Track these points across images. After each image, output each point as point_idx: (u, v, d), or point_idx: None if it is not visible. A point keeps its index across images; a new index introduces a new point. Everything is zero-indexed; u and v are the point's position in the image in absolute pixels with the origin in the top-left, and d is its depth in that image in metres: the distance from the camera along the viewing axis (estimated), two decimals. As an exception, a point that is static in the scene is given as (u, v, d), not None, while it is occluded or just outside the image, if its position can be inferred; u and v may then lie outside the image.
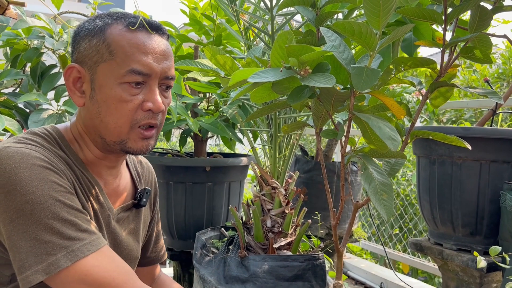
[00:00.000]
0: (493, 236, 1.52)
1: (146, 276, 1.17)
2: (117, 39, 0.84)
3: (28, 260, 0.74)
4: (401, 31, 0.84)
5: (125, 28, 0.85)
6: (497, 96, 0.97)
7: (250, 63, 1.10)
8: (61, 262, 0.74)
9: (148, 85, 0.87)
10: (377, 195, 0.85)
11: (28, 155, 0.78)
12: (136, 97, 0.85)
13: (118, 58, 0.84)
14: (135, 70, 0.84)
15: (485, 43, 1.00)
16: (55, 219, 0.75)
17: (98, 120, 0.86)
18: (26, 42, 1.71)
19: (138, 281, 0.82)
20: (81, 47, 0.87)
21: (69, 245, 0.75)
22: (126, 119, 0.86)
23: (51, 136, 0.87)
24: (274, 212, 1.55)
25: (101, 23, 0.86)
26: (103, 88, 0.85)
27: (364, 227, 3.31)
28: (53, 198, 0.76)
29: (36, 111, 1.56)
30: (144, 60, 0.85)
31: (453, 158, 1.54)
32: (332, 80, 0.79)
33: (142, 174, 1.08)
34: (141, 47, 0.85)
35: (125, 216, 0.99)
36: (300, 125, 1.17)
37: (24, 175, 0.75)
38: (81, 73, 0.87)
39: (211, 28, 2.07)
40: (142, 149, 0.89)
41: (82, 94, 0.88)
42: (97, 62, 0.85)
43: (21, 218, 0.74)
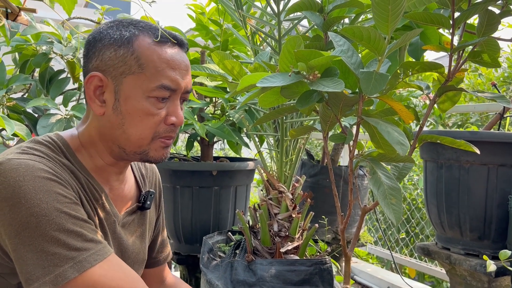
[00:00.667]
0: (502, 240, 1.51)
1: (155, 278, 1.17)
2: (147, 53, 0.85)
3: (36, 272, 0.74)
4: (409, 36, 0.84)
5: (153, 42, 0.86)
6: (506, 100, 0.97)
7: (257, 68, 1.11)
8: (68, 273, 0.74)
9: (172, 99, 0.88)
10: (386, 199, 0.85)
11: (32, 167, 0.77)
12: (161, 111, 0.86)
13: (148, 72, 0.84)
14: (165, 85, 0.85)
15: (493, 47, 1.00)
16: (61, 230, 0.75)
17: (120, 131, 0.87)
18: (35, 47, 1.73)
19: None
20: (104, 55, 0.86)
21: (76, 256, 0.75)
22: (149, 132, 0.87)
23: (55, 144, 0.87)
24: (281, 216, 1.55)
25: (128, 34, 0.86)
26: (129, 100, 0.85)
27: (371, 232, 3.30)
28: (58, 210, 0.76)
29: (44, 116, 1.58)
30: (173, 75, 0.86)
31: (460, 162, 1.53)
32: (341, 84, 0.80)
33: (146, 175, 1.09)
34: (170, 63, 0.86)
35: (131, 219, 0.99)
36: (307, 130, 1.17)
37: (28, 188, 0.75)
38: (103, 82, 0.86)
39: (218, 33, 2.08)
40: (162, 157, 0.90)
41: (102, 103, 0.87)
42: (124, 73, 0.85)
43: (27, 231, 0.74)
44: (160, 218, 1.15)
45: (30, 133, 1.53)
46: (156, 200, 1.11)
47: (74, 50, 1.65)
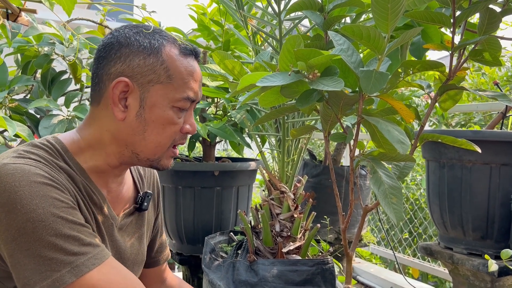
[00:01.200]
0: (504, 240, 1.50)
1: (155, 277, 1.17)
2: (176, 64, 0.88)
3: (33, 277, 0.73)
4: (409, 34, 0.84)
5: (180, 53, 0.89)
6: (507, 99, 0.97)
7: (258, 67, 1.11)
8: (66, 278, 0.74)
9: (189, 108, 0.92)
10: (387, 198, 0.85)
11: (27, 172, 0.77)
12: (180, 120, 0.90)
13: (176, 83, 0.87)
14: (190, 97, 0.89)
15: (494, 45, 1.00)
16: (58, 235, 0.75)
17: (140, 137, 0.88)
18: (37, 48, 1.74)
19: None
20: (133, 62, 0.86)
21: (73, 261, 0.75)
22: (168, 140, 0.90)
23: (52, 147, 0.86)
24: (282, 216, 1.55)
25: (157, 43, 0.87)
26: (155, 109, 0.87)
27: (373, 232, 3.29)
28: (55, 215, 0.76)
29: (46, 117, 1.58)
30: (195, 88, 0.90)
31: (462, 161, 1.53)
32: (340, 83, 0.80)
33: (144, 175, 1.09)
34: (194, 75, 0.90)
35: (129, 221, 0.99)
36: (308, 129, 1.17)
37: (24, 193, 0.75)
38: (129, 87, 0.86)
39: (219, 34, 2.09)
40: (169, 166, 0.94)
41: (124, 108, 0.87)
42: (152, 82, 0.86)
43: (23, 236, 0.74)
44: (159, 219, 1.15)
45: (32, 134, 1.53)
46: (154, 201, 1.11)
47: (75, 51, 1.65)
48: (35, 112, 1.75)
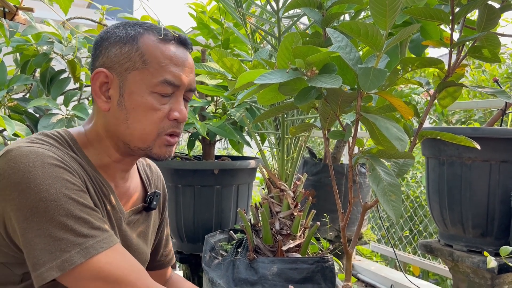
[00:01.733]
0: (504, 237, 1.50)
1: (159, 279, 1.17)
2: (151, 49, 0.87)
3: (43, 257, 0.75)
4: (408, 31, 0.83)
5: (158, 39, 0.88)
6: (506, 95, 0.96)
7: (257, 65, 1.10)
8: (75, 259, 0.75)
9: (175, 95, 0.90)
10: (386, 196, 0.84)
11: (41, 154, 0.79)
12: (164, 106, 0.88)
13: (152, 68, 0.86)
14: (168, 81, 0.87)
15: (493, 42, 0.99)
16: (69, 216, 0.77)
17: (125, 126, 0.88)
18: (36, 48, 1.73)
19: (149, 279, 0.83)
20: (110, 52, 0.88)
21: (83, 242, 0.77)
22: (153, 127, 0.88)
23: (63, 138, 0.88)
24: (282, 214, 1.55)
25: (133, 32, 0.89)
26: (133, 95, 0.87)
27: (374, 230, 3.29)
28: (66, 196, 0.78)
29: (45, 116, 1.58)
30: (176, 71, 0.88)
31: (462, 158, 1.53)
32: (339, 80, 0.79)
33: (151, 178, 1.10)
34: (174, 59, 0.88)
35: (136, 219, 1.00)
36: (307, 127, 1.17)
37: (37, 173, 0.77)
38: (108, 78, 0.88)
39: (219, 32, 2.08)
40: (165, 155, 0.92)
41: (107, 99, 0.89)
42: (129, 69, 0.87)
43: (35, 216, 0.75)
44: (164, 223, 1.16)
45: (31, 133, 1.53)
46: (160, 204, 1.11)
47: (74, 50, 1.65)
48: (34, 111, 1.75)
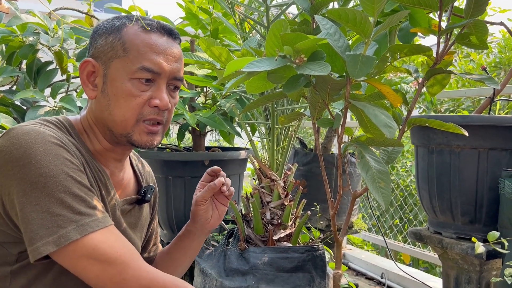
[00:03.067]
0: (493, 223, 1.52)
1: None
2: (132, 38, 0.90)
3: (40, 232, 0.76)
4: (396, 17, 0.83)
5: (140, 29, 0.91)
6: (494, 82, 0.97)
7: (245, 54, 1.10)
8: (71, 235, 0.77)
9: (157, 83, 0.91)
10: (375, 183, 0.85)
11: (42, 132, 0.82)
12: (144, 93, 0.90)
13: (131, 55, 0.89)
14: (146, 67, 0.89)
15: (481, 29, 0.99)
16: (67, 193, 0.79)
17: (107, 113, 0.91)
18: (21, 39, 1.71)
19: (142, 260, 0.84)
20: (97, 43, 0.92)
21: (79, 220, 0.78)
22: (132, 113, 0.90)
23: (62, 124, 0.91)
24: (273, 204, 1.55)
25: (119, 23, 0.92)
26: (115, 82, 0.89)
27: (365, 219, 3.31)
28: (66, 173, 0.80)
29: (33, 108, 1.56)
30: (155, 59, 0.89)
31: (451, 146, 1.54)
32: (327, 68, 0.79)
33: (143, 174, 1.12)
34: (154, 47, 0.90)
35: (128, 209, 1.01)
36: (297, 116, 1.16)
37: (39, 150, 0.79)
38: (95, 68, 0.91)
39: (207, 22, 2.06)
40: (147, 143, 0.93)
41: (94, 88, 0.92)
42: (111, 58, 0.90)
43: (34, 191, 0.77)
44: (154, 222, 1.18)
45: (19, 125, 1.51)
46: (151, 200, 1.12)
47: (61, 41, 1.63)
48: (21, 103, 1.72)
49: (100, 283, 0.80)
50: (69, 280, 0.84)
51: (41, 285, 0.85)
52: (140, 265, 0.82)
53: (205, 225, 1.11)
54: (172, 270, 1.13)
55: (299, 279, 1.43)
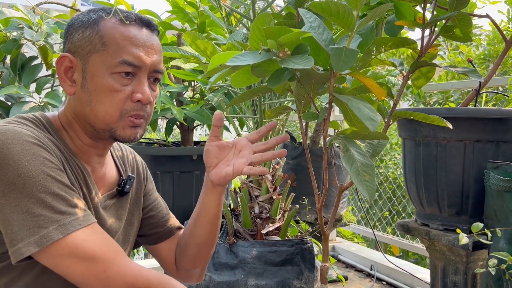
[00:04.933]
0: (479, 215, 1.53)
1: (173, 245, 1.13)
2: (110, 31, 0.88)
3: (20, 233, 0.75)
4: (380, 10, 0.83)
5: (118, 22, 0.89)
6: (477, 75, 0.97)
7: (231, 47, 1.09)
8: (53, 235, 0.76)
9: (138, 77, 0.90)
10: (359, 176, 0.85)
11: (19, 132, 0.80)
12: (126, 88, 0.88)
13: (111, 49, 0.87)
14: (127, 61, 0.87)
15: (465, 21, 1.00)
16: (47, 193, 0.77)
17: (89, 108, 0.89)
18: (5, 33, 1.68)
19: (127, 258, 0.83)
20: (74, 37, 0.90)
21: (60, 219, 0.77)
22: (115, 108, 0.88)
23: (39, 121, 0.89)
24: (261, 198, 1.56)
25: (95, 16, 0.90)
26: (95, 78, 0.87)
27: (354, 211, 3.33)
28: (45, 173, 0.78)
29: (17, 104, 1.54)
30: (135, 52, 0.88)
31: (437, 139, 1.54)
32: (310, 61, 0.79)
33: (126, 158, 1.09)
34: (133, 40, 0.88)
35: (111, 203, 1.00)
36: (283, 110, 1.16)
37: (16, 150, 0.77)
38: (73, 63, 0.89)
39: (194, 16, 2.05)
40: (130, 137, 0.91)
41: (73, 83, 0.90)
42: (90, 52, 0.88)
43: (13, 192, 0.76)
44: (151, 196, 1.13)
45: (3, 121, 1.49)
46: (140, 182, 1.10)
47: (45, 35, 1.60)
48: (5, 99, 1.70)
49: (84, 281, 0.79)
50: (52, 278, 0.83)
51: (23, 283, 0.84)
52: (125, 262, 0.81)
53: (208, 169, 1.00)
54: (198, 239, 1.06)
55: (288, 272, 1.43)
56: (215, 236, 1.07)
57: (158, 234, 1.12)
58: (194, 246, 1.06)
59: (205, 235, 1.05)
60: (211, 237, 1.06)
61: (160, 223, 1.12)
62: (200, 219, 1.05)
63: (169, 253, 1.12)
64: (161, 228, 1.12)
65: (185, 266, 1.10)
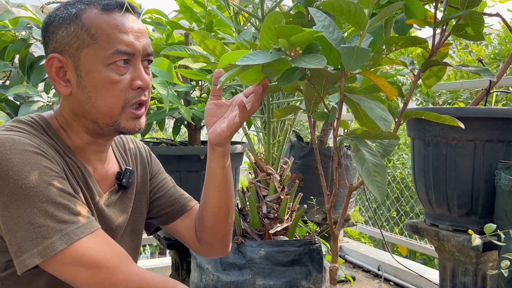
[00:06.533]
0: (489, 215, 1.52)
1: (191, 220, 1.11)
2: (96, 23, 0.85)
3: (24, 244, 0.75)
4: (391, 9, 0.82)
5: (101, 11, 0.86)
6: (489, 74, 0.96)
7: (240, 47, 1.09)
8: (57, 245, 0.75)
9: (133, 63, 0.88)
10: (370, 176, 0.84)
11: (18, 141, 0.79)
12: (124, 77, 0.87)
13: (101, 41, 0.84)
14: (121, 50, 0.85)
15: (477, 20, 0.99)
16: (49, 202, 0.76)
17: (89, 105, 0.87)
18: (14, 33, 1.69)
19: (133, 263, 0.83)
20: (58, 36, 0.86)
21: (64, 228, 0.76)
22: (117, 100, 0.87)
23: (37, 124, 0.88)
24: (269, 198, 1.55)
25: (74, 10, 0.86)
26: (91, 73, 0.85)
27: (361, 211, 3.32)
28: (46, 182, 0.77)
29: (26, 103, 1.55)
30: (127, 39, 0.86)
31: (447, 139, 1.53)
32: (323, 61, 0.78)
33: (128, 149, 1.08)
34: (121, 27, 0.86)
35: (116, 198, 0.99)
36: (292, 109, 1.15)
37: (16, 161, 0.76)
38: (62, 62, 0.86)
39: (202, 15, 2.05)
40: (135, 127, 0.91)
41: (67, 83, 0.88)
42: (79, 48, 0.85)
43: (15, 203, 0.75)
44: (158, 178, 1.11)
45: (12, 121, 1.50)
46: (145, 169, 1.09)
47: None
48: (14, 98, 1.71)
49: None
50: (61, 283, 0.83)
51: None
52: (129, 268, 0.81)
53: (207, 129, 1.01)
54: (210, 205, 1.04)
55: (296, 272, 1.43)
56: (228, 203, 1.05)
57: (168, 214, 1.10)
58: (209, 216, 1.04)
59: (217, 202, 1.03)
60: (224, 204, 1.04)
61: (169, 203, 1.10)
62: (208, 185, 1.03)
63: (188, 230, 1.10)
64: (170, 208, 1.10)
65: (206, 239, 1.08)
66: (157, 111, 1.75)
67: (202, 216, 1.05)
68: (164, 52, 1.27)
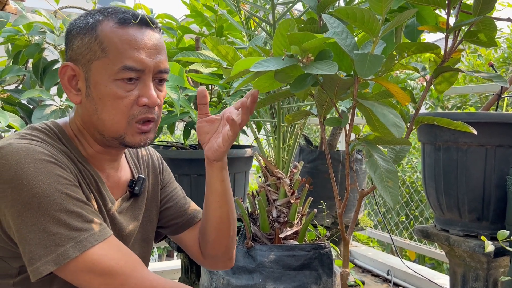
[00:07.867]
0: (500, 221, 1.51)
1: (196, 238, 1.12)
2: (109, 36, 0.85)
3: (38, 252, 0.76)
4: (404, 16, 0.83)
5: (116, 24, 0.86)
6: (502, 80, 0.96)
7: (252, 52, 1.09)
8: (70, 253, 0.76)
9: (143, 80, 0.87)
10: (383, 182, 0.84)
11: (32, 150, 0.80)
12: (131, 93, 0.86)
13: (111, 55, 0.84)
14: (128, 66, 0.85)
15: (490, 26, 0.98)
16: (62, 211, 0.78)
17: (95, 117, 0.88)
18: (27, 38, 1.71)
19: (145, 269, 0.83)
20: (74, 45, 0.87)
21: (77, 236, 0.78)
22: (122, 116, 0.87)
23: (52, 131, 0.89)
24: (279, 202, 1.55)
25: (92, 20, 0.87)
26: (98, 86, 0.86)
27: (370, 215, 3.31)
28: (59, 191, 0.78)
29: (39, 107, 1.57)
30: (137, 56, 0.85)
31: (458, 144, 1.53)
32: (335, 67, 0.79)
33: (141, 157, 1.08)
34: (133, 43, 0.85)
35: (128, 205, 1.00)
36: (303, 114, 1.16)
37: (29, 170, 0.77)
38: (75, 71, 0.87)
39: (212, 20, 2.06)
40: (140, 143, 0.91)
41: (78, 92, 0.89)
42: (91, 60, 0.86)
43: (29, 211, 0.76)
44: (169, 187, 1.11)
45: (25, 124, 1.52)
46: (156, 178, 1.09)
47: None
48: (27, 102, 1.73)
49: None
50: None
51: None
52: (142, 275, 0.82)
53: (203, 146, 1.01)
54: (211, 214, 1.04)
55: (306, 277, 1.43)
56: (229, 216, 1.05)
57: (177, 225, 1.10)
58: (211, 230, 1.05)
59: (217, 216, 1.03)
60: (225, 218, 1.04)
61: (178, 214, 1.10)
62: (209, 200, 1.04)
63: (193, 242, 1.11)
64: (180, 219, 1.10)
65: (209, 253, 1.08)
66: (168, 115, 1.76)
67: (205, 230, 1.06)
68: (176, 58, 1.28)
